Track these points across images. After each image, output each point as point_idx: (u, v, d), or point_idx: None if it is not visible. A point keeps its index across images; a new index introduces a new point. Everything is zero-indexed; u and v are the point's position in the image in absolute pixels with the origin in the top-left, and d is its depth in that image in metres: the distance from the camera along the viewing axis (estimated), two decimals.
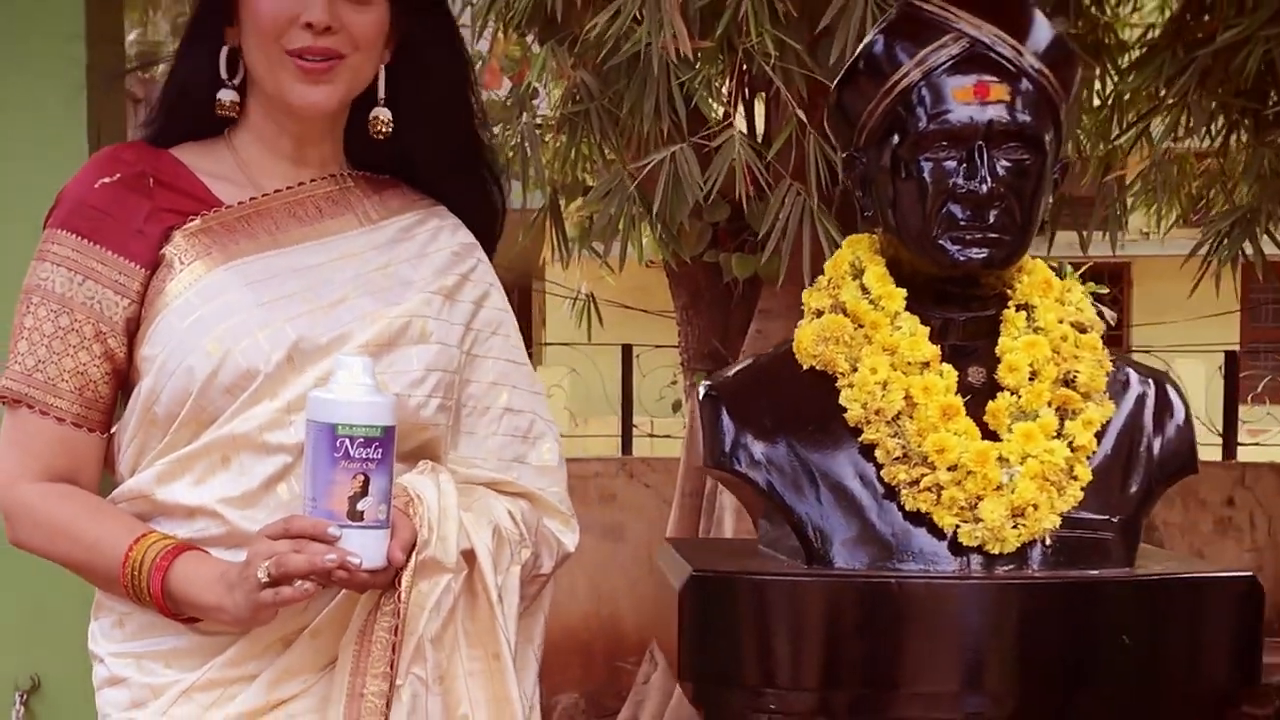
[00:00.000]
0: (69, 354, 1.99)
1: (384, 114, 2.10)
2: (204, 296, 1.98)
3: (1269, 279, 5.66)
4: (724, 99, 5.18)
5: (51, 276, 1.99)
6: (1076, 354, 2.17)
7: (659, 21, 4.00)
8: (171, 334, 1.97)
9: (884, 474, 2.14)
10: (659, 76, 4.22)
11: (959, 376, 2.17)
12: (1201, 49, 4.60)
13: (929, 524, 2.11)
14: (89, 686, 2.08)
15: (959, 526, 2.09)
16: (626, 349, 9.03)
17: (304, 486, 1.84)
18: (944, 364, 2.16)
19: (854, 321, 2.21)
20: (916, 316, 2.19)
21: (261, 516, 1.93)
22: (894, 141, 2.16)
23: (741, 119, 5.24)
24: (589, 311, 6.30)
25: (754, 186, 4.23)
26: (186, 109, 2.09)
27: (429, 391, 2.05)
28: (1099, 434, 2.17)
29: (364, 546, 1.81)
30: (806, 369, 2.24)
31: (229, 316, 1.97)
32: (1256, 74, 4.47)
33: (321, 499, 1.81)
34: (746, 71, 4.55)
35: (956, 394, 2.14)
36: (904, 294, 2.20)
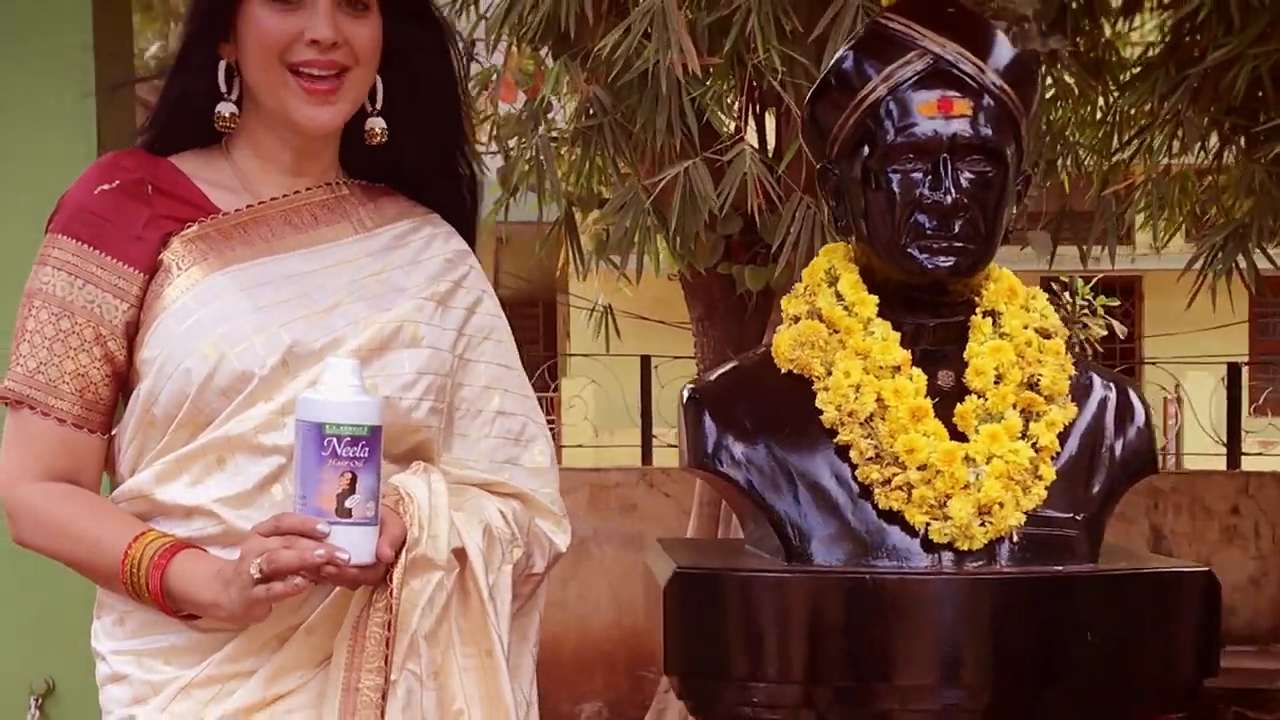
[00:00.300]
0: (70, 356, 2.02)
1: (379, 124, 2.14)
2: (201, 300, 2.02)
3: (1278, 293, 5.70)
4: (735, 114, 5.26)
5: (52, 280, 2.03)
6: (1040, 359, 2.24)
7: (667, 40, 4.08)
8: (169, 337, 2.01)
9: (858, 474, 2.20)
10: (669, 93, 4.29)
11: (929, 380, 2.23)
12: (1193, 67, 4.66)
13: (901, 522, 2.17)
14: None
15: (929, 524, 2.15)
16: (645, 360, 9.04)
17: (294, 484, 1.88)
18: (914, 368, 2.23)
19: (829, 327, 2.28)
20: (888, 322, 2.25)
21: (257, 516, 1.95)
22: (864, 153, 2.23)
23: (753, 133, 5.32)
24: (606, 323, 6.38)
25: (765, 200, 4.31)
26: (183, 121, 2.12)
27: (420, 394, 2.09)
28: (1063, 435, 2.23)
29: (352, 542, 1.85)
30: (784, 373, 2.30)
31: (225, 320, 2.00)
32: (1246, 91, 4.54)
33: (311, 497, 1.85)
34: (757, 87, 4.61)
35: (926, 397, 2.20)
36: (876, 301, 2.27)
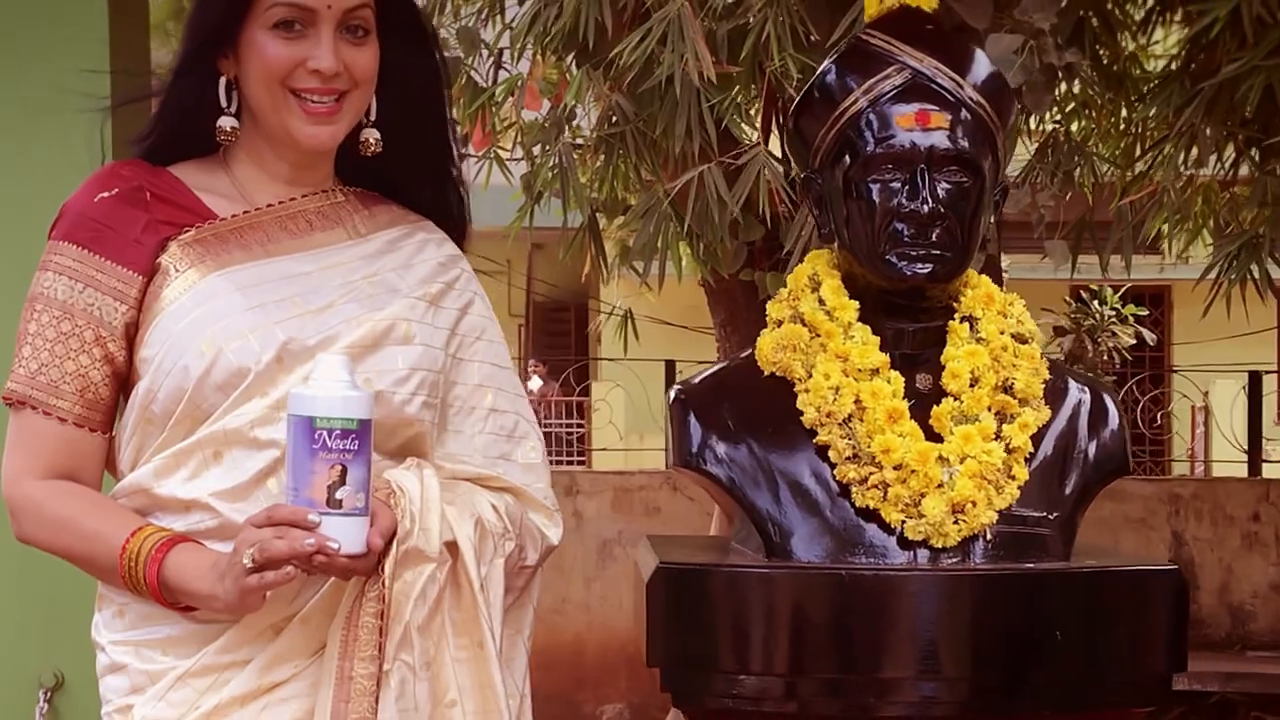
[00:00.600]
0: (71, 358, 2.07)
1: (373, 135, 2.19)
2: (197, 300, 2.06)
3: None
4: (754, 121, 5.32)
5: (54, 285, 2.08)
6: (1015, 363, 2.31)
7: (683, 47, 4.14)
8: (167, 336, 2.06)
9: (836, 473, 2.26)
10: (686, 99, 4.31)
11: (908, 383, 2.30)
12: (1207, 81, 4.68)
13: (878, 520, 2.24)
14: None
15: (904, 522, 2.22)
16: (670, 365, 9.07)
17: (286, 477, 1.93)
18: (892, 371, 2.29)
19: (811, 331, 2.34)
20: (868, 327, 2.32)
21: (253, 510, 1.98)
22: (845, 164, 2.30)
23: (776, 140, 5.37)
24: (626, 328, 6.43)
25: (785, 205, 4.37)
26: (182, 131, 2.16)
27: (413, 389, 2.13)
28: (1038, 437, 2.30)
29: (343, 533, 1.90)
30: (767, 375, 2.37)
31: (221, 318, 2.05)
32: (1259, 104, 4.57)
33: (302, 488, 1.90)
34: (780, 96, 4.67)
35: (904, 399, 2.27)
36: (857, 306, 2.33)
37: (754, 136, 5.12)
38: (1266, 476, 8.51)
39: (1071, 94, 5.62)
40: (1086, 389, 2.40)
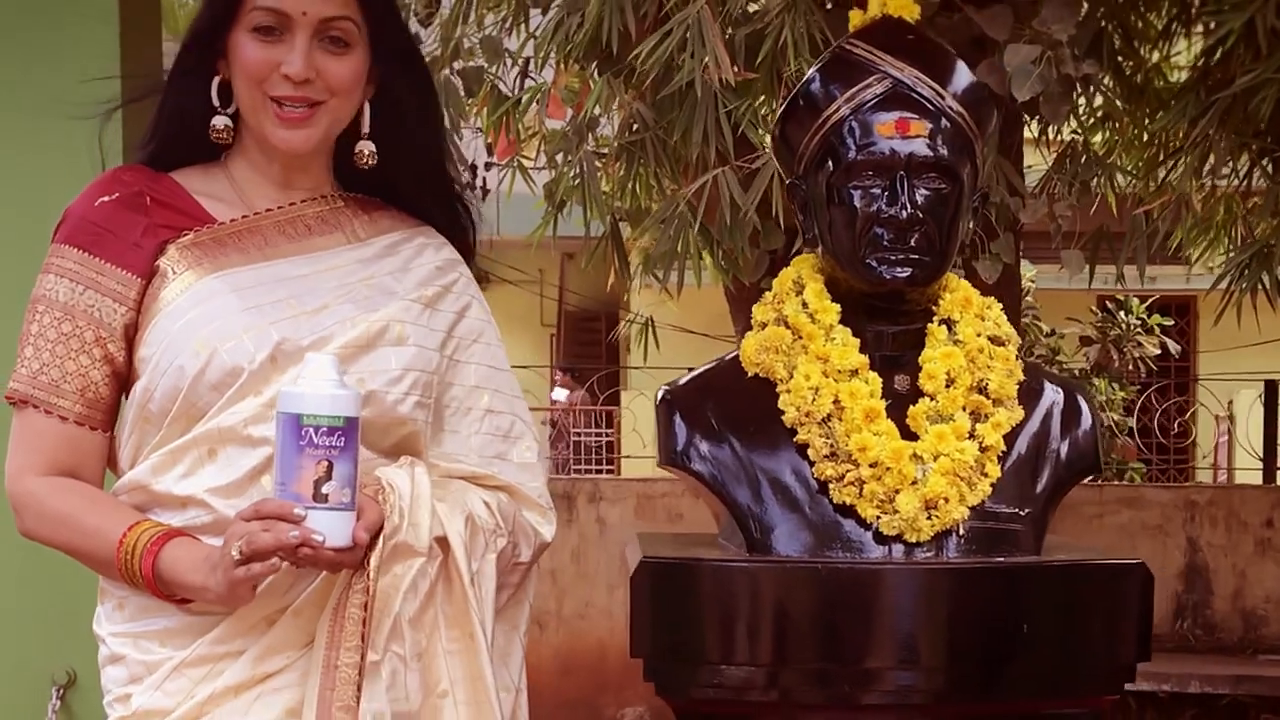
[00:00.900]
0: (71, 358, 2.12)
1: (368, 147, 2.24)
2: (193, 301, 2.11)
3: None
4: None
5: (56, 287, 2.13)
6: (990, 364, 2.36)
7: (702, 50, 4.18)
8: (164, 336, 2.10)
9: (815, 470, 2.32)
10: (705, 104, 4.36)
11: (887, 384, 2.35)
12: (1222, 91, 4.73)
13: (855, 516, 2.29)
14: None
15: (879, 517, 2.27)
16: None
17: (274, 471, 1.98)
18: (871, 372, 2.35)
19: (794, 333, 2.39)
20: (849, 329, 2.37)
21: (246, 506, 2.01)
22: (828, 170, 2.35)
23: None
24: (647, 336, 6.49)
25: None
26: (182, 136, 2.21)
27: (406, 389, 2.17)
28: (1013, 436, 2.35)
29: (329, 526, 1.95)
30: (751, 376, 2.43)
31: (216, 319, 2.09)
32: (1272, 115, 4.61)
33: (289, 483, 1.95)
34: None
35: (883, 399, 2.32)
36: (838, 309, 2.38)
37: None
38: None
39: (1090, 107, 5.65)
40: (1060, 390, 2.45)
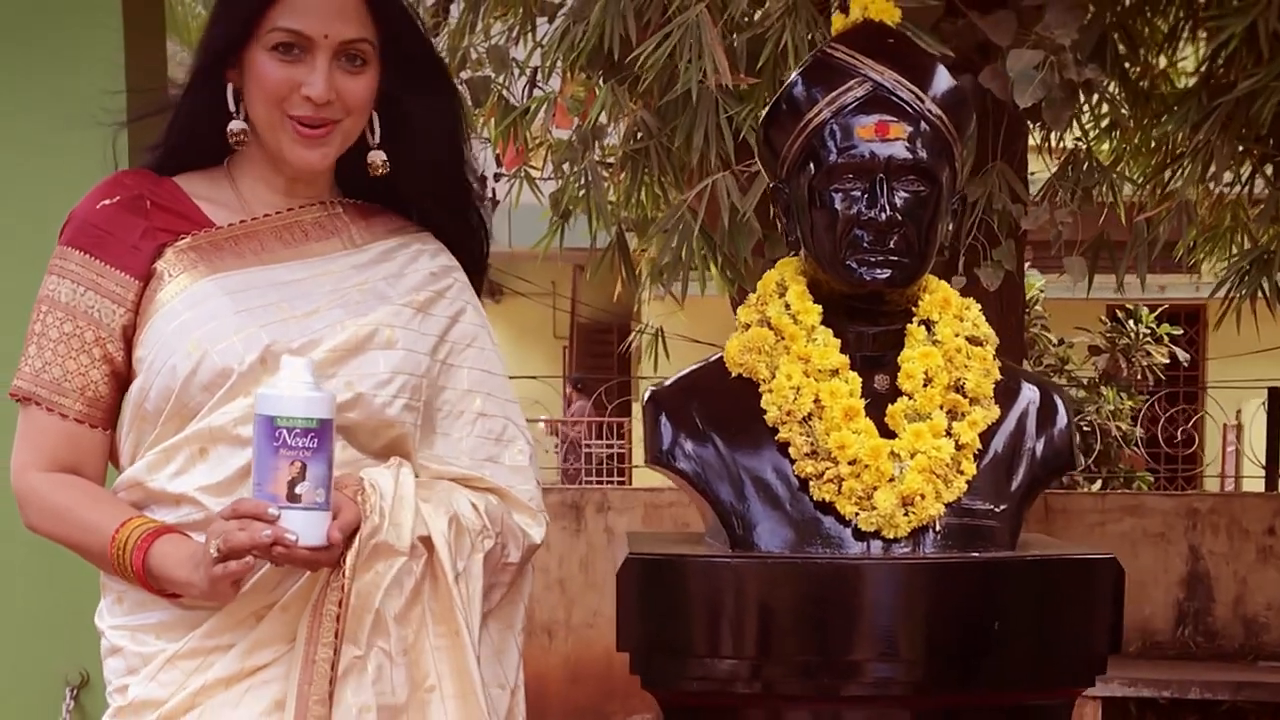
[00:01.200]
0: (73, 357, 2.18)
1: (379, 156, 2.27)
2: (187, 303, 2.16)
3: None
4: None
5: (58, 288, 2.19)
6: (967, 364, 2.40)
7: (701, 54, 4.21)
8: (159, 337, 2.15)
9: (796, 468, 2.35)
10: (705, 109, 4.40)
11: (867, 383, 2.39)
12: (1224, 97, 4.77)
13: (834, 512, 2.33)
14: None
15: (858, 514, 2.31)
16: None
17: (252, 472, 2.02)
18: (851, 372, 2.38)
19: (776, 334, 2.43)
20: (830, 330, 2.41)
21: None
22: (810, 173, 2.38)
23: None
24: (657, 346, 6.53)
25: None
26: (190, 143, 2.27)
27: (394, 392, 2.21)
28: (989, 434, 2.39)
29: (302, 526, 1.99)
30: (734, 376, 2.47)
31: (208, 321, 2.14)
32: (1273, 120, 4.64)
33: (265, 483, 1.99)
34: None
35: (863, 398, 2.36)
36: (820, 310, 2.42)
37: None
38: None
39: (1094, 113, 5.67)
40: (1037, 389, 2.49)
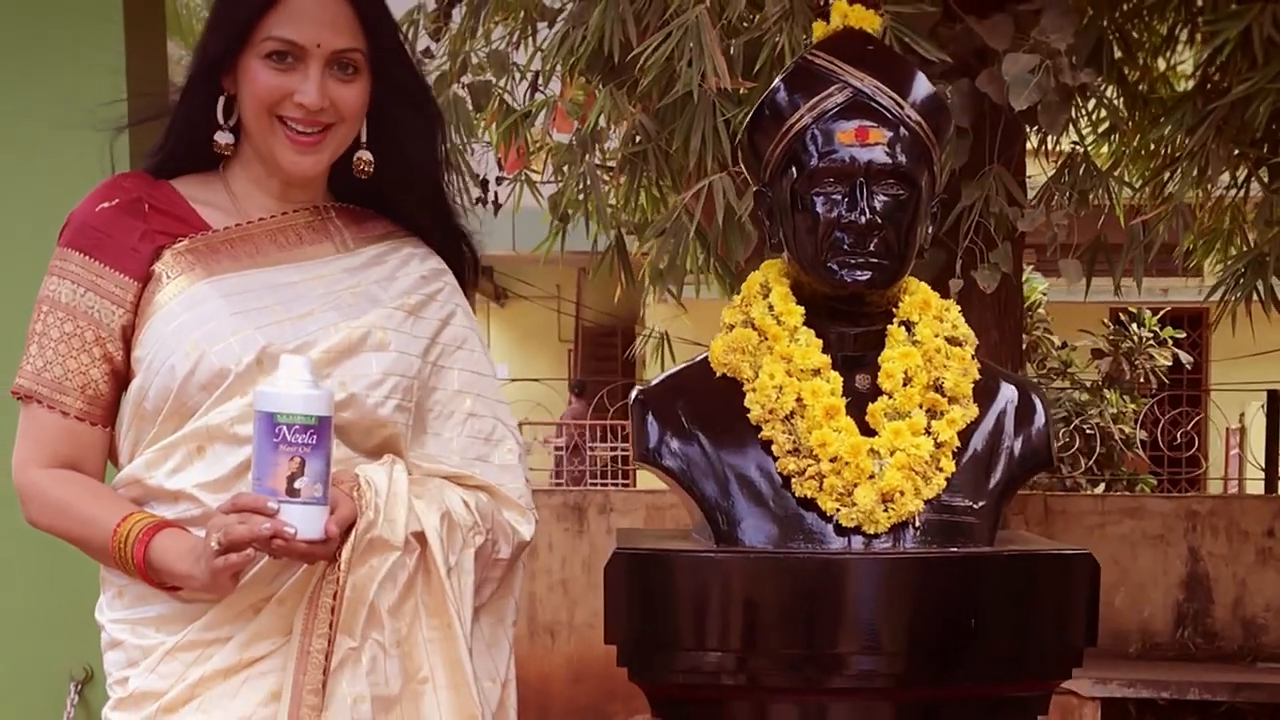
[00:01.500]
0: (73, 356, 2.23)
1: (365, 155, 2.32)
2: (185, 305, 2.20)
3: None
4: None
5: (59, 289, 2.23)
6: (946, 364, 2.44)
7: (701, 56, 4.25)
8: (157, 338, 2.20)
9: (778, 465, 2.40)
10: (703, 111, 4.45)
11: (849, 382, 2.43)
12: (1219, 100, 4.81)
13: (816, 508, 2.37)
14: None
15: (839, 510, 2.36)
16: None
17: (252, 467, 2.07)
18: (832, 371, 2.43)
19: (760, 335, 2.48)
20: (813, 330, 2.45)
21: None
22: (792, 176, 2.42)
23: None
24: (663, 350, 6.57)
25: None
26: (187, 147, 2.31)
27: (386, 393, 2.26)
28: (968, 432, 2.43)
29: (301, 520, 2.04)
30: (719, 376, 2.51)
31: (206, 323, 2.19)
32: (1267, 124, 4.68)
33: (264, 478, 2.04)
34: None
35: (843, 397, 2.40)
36: (802, 311, 2.47)
37: None
38: None
39: (1090, 117, 5.71)
40: (1015, 389, 2.53)
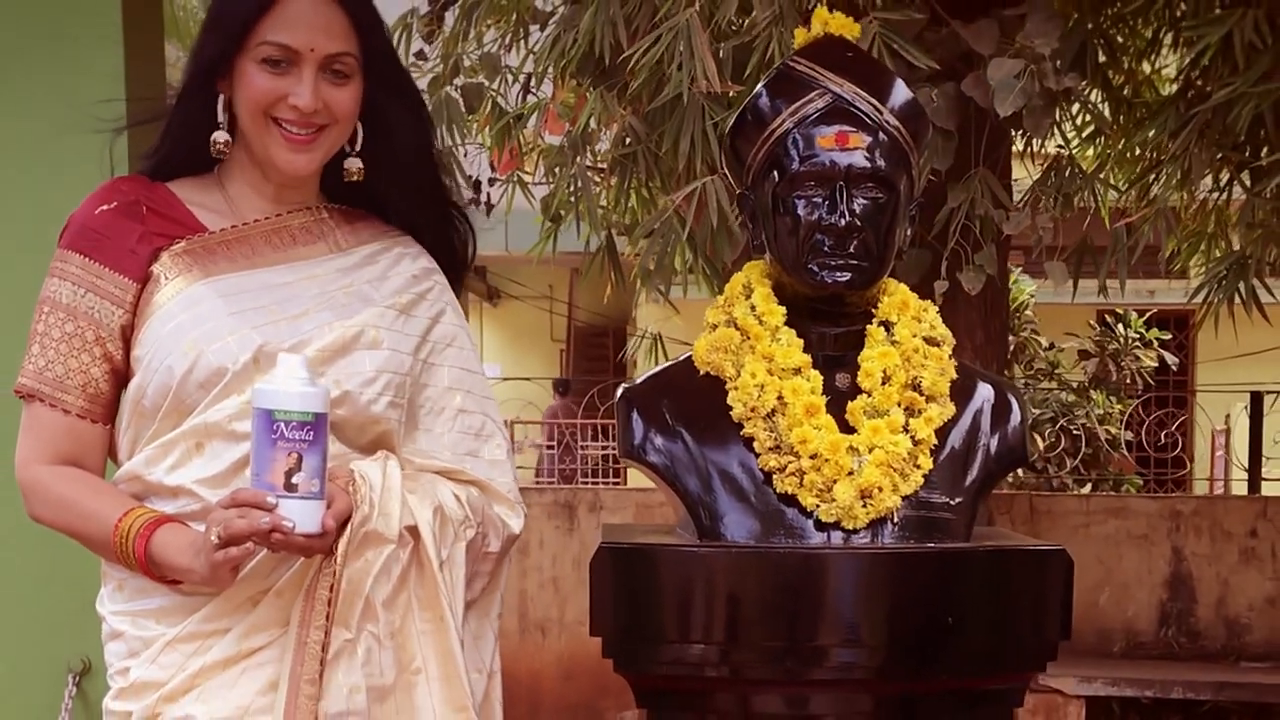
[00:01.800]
0: (74, 356, 2.28)
1: (355, 164, 2.39)
2: (183, 305, 2.25)
3: None
4: None
5: (59, 290, 2.28)
6: (924, 363, 2.49)
7: (691, 59, 4.28)
8: (156, 337, 2.25)
9: (760, 462, 2.45)
10: (693, 114, 4.47)
11: (829, 381, 2.48)
12: (1201, 105, 4.86)
13: (796, 504, 2.42)
14: None
15: (819, 506, 2.41)
16: None
17: (250, 462, 2.13)
18: (813, 370, 2.48)
19: (742, 334, 2.53)
20: (794, 330, 2.51)
21: None
22: (774, 180, 2.47)
23: None
24: (656, 350, 6.62)
25: None
26: (183, 150, 2.36)
27: (379, 390, 2.32)
28: (945, 430, 2.48)
29: (298, 514, 2.09)
30: (703, 374, 2.56)
31: (203, 323, 2.24)
32: (1249, 128, 4.73)
33: (263, 473, 2.10)
34: None
35: (823, 395, 2.45)
36: (784, 311, 2.52)
37: None
38: (1265, 494, 8.62)
39: (1074, 121, 5.75)
40: (992, 388, 2.58)
